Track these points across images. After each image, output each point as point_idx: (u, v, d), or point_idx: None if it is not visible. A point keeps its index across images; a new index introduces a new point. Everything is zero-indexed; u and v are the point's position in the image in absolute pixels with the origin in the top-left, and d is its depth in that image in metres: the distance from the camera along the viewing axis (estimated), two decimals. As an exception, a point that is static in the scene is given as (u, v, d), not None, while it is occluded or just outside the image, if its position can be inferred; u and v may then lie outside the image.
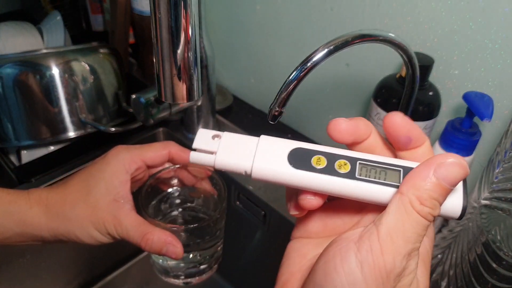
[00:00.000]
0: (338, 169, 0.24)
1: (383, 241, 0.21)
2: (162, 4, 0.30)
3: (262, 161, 0.25)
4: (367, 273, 0.21)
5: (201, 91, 0.36)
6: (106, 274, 0.72)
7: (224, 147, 0.27)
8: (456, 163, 0.22)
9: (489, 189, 0.41)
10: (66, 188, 0.41)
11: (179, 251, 0.39)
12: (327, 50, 0.36)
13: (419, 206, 0.22)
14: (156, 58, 0.33)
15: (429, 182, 0.22)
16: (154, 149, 0.43)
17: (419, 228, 0.22)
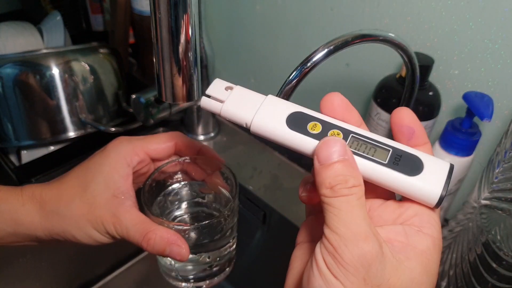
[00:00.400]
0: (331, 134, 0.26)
1: (330, 239, 0.22)
2: (162, 4, 0.30)
3: (263, 117, 0.27)
4: (335, 272, 0.22)
5: (201, 91, 0.36)
6: (106, 274, 0.72)
7: (232, 99, 0.29)
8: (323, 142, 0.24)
9: (489, 189, 0.41)
10: (62, 183, 0.37)
11: (184, 252, 0.35)
12: (327, 50, 0.36)
13: (330, 191, 0.23)
14: (156, 58, 0.33)
15: (321, 172, 0.23)
16: (159, 140, 0.39)
17: (348, 207, 0.22)
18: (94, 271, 0.71)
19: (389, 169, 0.24)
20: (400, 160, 0.25)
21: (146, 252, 0.74)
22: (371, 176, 0.25)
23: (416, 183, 0.24)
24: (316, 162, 0.24)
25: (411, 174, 0.24)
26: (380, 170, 0.25)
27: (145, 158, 0.39)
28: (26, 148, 0.65)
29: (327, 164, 0.23)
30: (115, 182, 0.36)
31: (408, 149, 0.25)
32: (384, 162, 0.25)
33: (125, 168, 0.37)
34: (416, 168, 0.25)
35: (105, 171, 0.36)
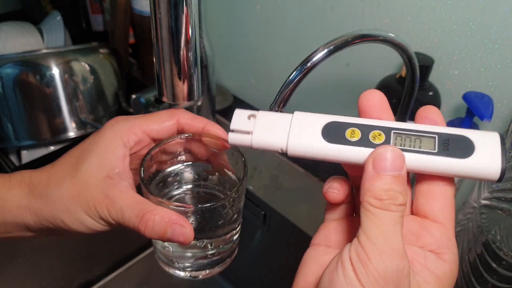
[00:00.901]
0: (373, 140, 0.25)
1: (366, 247, 0.22)
2: (162, 4, 0.30)
3: (297, 137, 0.26)
4: (364, 282, 0.22)
5: (201, 91, 0.36)
6: (106, 274, 0.72)
7: (259, 126, 0.27)
8: (385, 151, 0.23)
9: (489, 189, 0.41)
10: (53, 166, 0.34)
11: (189, 233, 0.30)
12: (327, 50, 0.36)
13: (378, 203, 0.22)
14: (156, 58, 0.33)
15: (374, 179, 0.23)
16: (159, 118, 0.35)
17: (391, 222, 0.22)
18: (94, 271, 0.71)
19: (441, 157, 0.24)
20: (449, 145, 0.24)
21: (146, 252, 0.75)
22: (423, 169, 0.24)
23: (472, 164, 0.23)
24: (371, 168, 0.23)
25: (464, 156, 0.23)
26: (431, 160, 0.24)
27: (144, 137, 0.35)
28: (26, 148, 0.65)
29: (382, 175, 0.23)
30: (110, 162, 0.32)
31: (453, 130, 0.24)
32: (434, 151, 0.24)
33: (121, 148, 0.33)
34: (468, 149, 0.24)
35: (99, 151, 0.33)
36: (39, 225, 0.33)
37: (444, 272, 0.24)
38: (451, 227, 0.25)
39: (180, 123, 0.36)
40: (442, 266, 0.24)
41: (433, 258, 0.24)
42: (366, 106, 0.27)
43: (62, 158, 0.34)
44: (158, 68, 0.33)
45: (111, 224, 0.32)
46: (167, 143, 0.36)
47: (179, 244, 0.33)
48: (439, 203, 0.25)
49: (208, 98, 0.67)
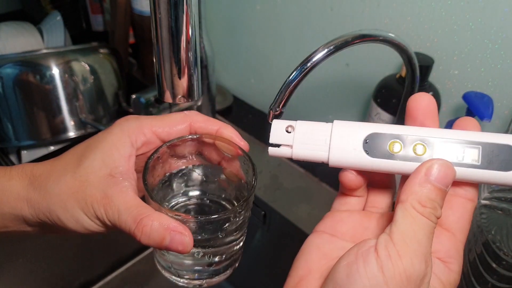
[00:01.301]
0: (415, 153, 0.25)
1: (398, 246, 0.22)
2: (162, 4, 0.30)
3: (338, 151, 0.26)
4: (388, 278, 0.22)
5: (201, 91, 0.36)
6: (106, 274, 0.72)
7: (299, 139, 0.27)
8: (443, 164, 0.23)
9: (489, 189, 0.41)
10: (57, 159, 0.33)
11: (188, 241, 0.29)
12: (327, 50, 0.36)
13: (422, 208, 0.23)
14: (156, 58, 0.33)
15: (424, 185, 0.23)
16: (172, 120, 0.34)
17: (427, 229, 0.23)
18: (94, 271, 0.71)
19: (484, 170, 0.24)
20: (492, 156, 0.24)
21: (146, 252, 0.75)
22: (463, 180, 0.25)
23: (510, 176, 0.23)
24: (423, 173, 0.24)
25: (507, 168, 0.23)
26: (473, 172, 0.24)
27: (153, 139, 0.33)
28: (26, 148, 0.65)
29: (433, 184, 0.23)
30: (114, 160, 0.31)
31: (496, 138, 0.24)
32: (478, 163, 0.24)
33: (128, 147, 0.32)
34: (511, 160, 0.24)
35: (105, 148, 0.31)
36: (36, 219, 0.32)
37: (449, 281, 0.25)
38: (462, 239, 0.26)
39: (193, 126, 0.34)
40: (448, 274, 0.25)
41: (441, 265, 0.25)
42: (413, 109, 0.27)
43: (67, 152, 0.33)
44: (158, 68, 0.33)
45: (107, 226, 0.31)
46: (176, 142, 0.34)
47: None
48: (456, 213, 0.26)
49: (208, 98, 0.67)
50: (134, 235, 0.29)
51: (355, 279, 0.22)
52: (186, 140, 0.35)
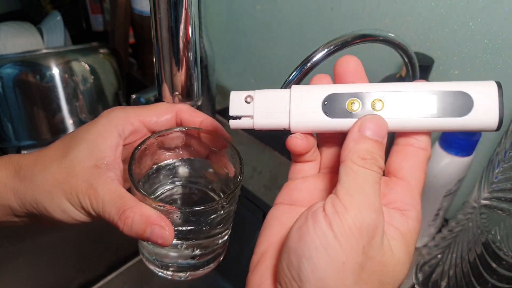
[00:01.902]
0: (373, 109, 0.25)
1: (344, 200, 0.22)
2: (162, 4, 0.30)
3: (298, 115, 0.26)
4: (337, 233, 0.22)
5: (201, 91, 0.36)
6: (106, 274, 0.72)
7: (259, 108, 0.27)
8: (373, 118, 0.24)
9: (489, 189, 0.41)
10: (44, 150, 0.33)
11: (168, 235, 0.29)
12: (327, 50, 0.36)
13: (362, 161, 0.23)
14: (156, 58, 0.33)
15: (359, 141, 0.24)
16: (158, 110, 0.34)
17: (371, 180, 0.23)
18: (94, 271, 0.71)
19: (441, 118, 0.24)
20: (448, 103, 0.24)
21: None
22: (423, 129, 0.25)
23: (471, 119, 0.24)
24: (356, 130, 0.24)
25: (463, 113, 0.24)
26: (430, 122, 0.24)
27: (140, 128, 0.34)
28: (26, 148, 0.65)
29: (367, 137, 0.24)
30: (100, 150, 0.31)
31: (451, 86, 0.24)
32: (434, 112, 0.24)
33: (115, 137, 0.32)
34: (467, 105, 0.24)
35: (91, 138, 0.31)
36: (24, 209, 0.32)
37: (408, 229, 0.25)
38: (418, 187, 0.26)
39: (179, 116, 0.35)
40: (406, 223, 0.25)
41: (398, 215, 0.25)
42: (342, 73, 0.27)
43: (54, 143, 0.33)
44: (158, 68, 0.33)
45: (92, 216, 0.31)
46: (165, 134, 0.35)
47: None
48: (409, 162, 0.26)
49: (208, 98, 0.67)
50: (117, 226, 0.29)
51: (306, 240, 0.22)
52: (174, 132, 0.35)
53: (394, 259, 0.23)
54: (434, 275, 0.50)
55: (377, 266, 0.23)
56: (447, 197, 0.52)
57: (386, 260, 0.23)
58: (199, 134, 0.36)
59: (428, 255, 0.52)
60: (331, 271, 0.22)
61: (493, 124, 0.24)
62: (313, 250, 0.22)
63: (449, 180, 0.50)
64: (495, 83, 0.24)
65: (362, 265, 0.22)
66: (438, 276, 0.49)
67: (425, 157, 0.26)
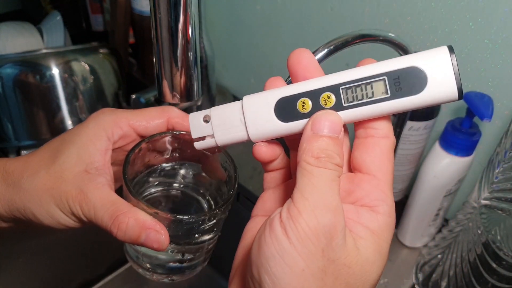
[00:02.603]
0: (324, 105, 0.24)
1: (298, 203, 0.21)
2: (162, 4, 0.30)
3: (254, 126, 0.26)
4: (292, 238, 0.21)
5: (201, 91, 0.36)
6: (106, 274, 0.72)
7: (217, 126, 0.27)
8: (323, 114, 0.23)
9: (489, 189, 0.41)
10: (31, 155, 0.32)
11: (164, 240, 0.29)
12: (327, 50, 0.36)
13: (315, 161, 0.22)
14: (156, 58, 0.33)
15: (312, 140, 0.23)
16: (148, 114, 0.33)
17: (327, 179, 0.22)
18: (94, 271, 0.71)
19: (395, 99, 0.23)
20: (400, 83, 0.23)
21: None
22: (380, 114, 0.24)
23: (428, 94, 0.22)
24: (309, 129, 0.23)
25: (418, 90, 0.22)
26: (386, 105, 0.23)
27: (130, 132, 0.33)
28: (26, 148, 0.65)
29: (320, 135, 0.23)
30: (90, 155, 0.31)
31: (399, 63, 0.23)
32: (388, 95, 0.23)
33: (104, 141, 0.31)
34: (421, 80, 0.22)
35: (80, 142, 0.31)
36: (11, 215, 0.31)
37: (378, 226, 0.23)
38: (386, 179, 0.24)
39: (170, 122, 0.34)
40: (376, 219, 0.23)
41: (366, 212, 0.24)
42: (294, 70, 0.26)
43: (42, 147, 0.33)
44: (158, 68, 0.33)
45: (83, 222, 0.30)
46: (158, 137, 0.34)
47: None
48: (371, 154, 0.24)
49: (208, 98, 0.67)
50: (111, 232, 0.29)
51: (263, 250, 0.21)
52: (166, 136, 0.35)
53: (361, 259, 0.22)
54: (434, 275, 0.50)
55: (342, 269, 0.21)
56: (447, 197, 0.52)
57: (351, 261, 0.22)
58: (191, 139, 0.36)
59: (428, 255, 0.52)
60: (290, 279, 0.21)
61: (452, 94, 0.22)
62: (271, 260, 0.21)
63: (449, 180, 0.50)
64: (446, 48, 0.22)
65: (324, 269, 0.21)
66: (438, 276, 0.49)
67: (388, 145, 0.25)
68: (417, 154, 0.55)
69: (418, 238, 0.56)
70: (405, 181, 0.59)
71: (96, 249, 0.68)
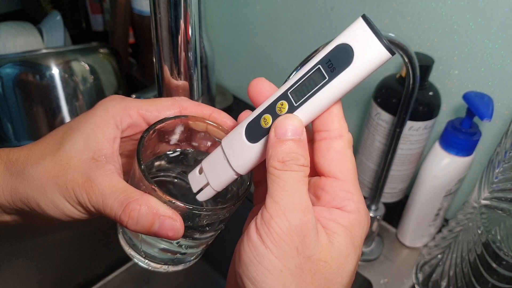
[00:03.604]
0: (280, 113, 0.25)
1: (269, 208, 0.22)
2: (162, 4, 0.30)
3: (235, 159, 0.27)
4: (267, 243, 0.22)
5: (201, 91, 0.36)
6: (106, 274, 0.72)
7: (209, 174, 0.29)
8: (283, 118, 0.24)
9: (489, 189, 0.41)
10: (35, 143, 0.30)
11: (179, 227, 0.27)
12: (327, 50, 0.36)
13: (281, 165, 0.23)
14: (156, 58, 0.33)
15: (276, 145, 0.24)
16: (160, 104, 0.31)
17: (294, 181, 0.23)
18: (94, 271, 0.71)
19: (334, 79, 0.24)
20: (333, 64, 0.24)
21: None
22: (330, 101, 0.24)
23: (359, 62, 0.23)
24: (273, 135, 0.24)
25: (349, 61, 0.23)
26: (330, 88, 0.24)
27: (139, 121, 0.31)
28: (26, 148, 0.65)
29: (283, 140, 0.24)
30: (97, 142, 0.29)
31: (326, 49, 0.24)
32: (326, 78, 0.24)
33: (112, 128, 0.29)
34: (348, 53, 0.23)
35: (87, 129, 0.29)
36: (14, 206, 0.30)
37: (350, 221, 0.24)
38: (348, 178, 0.25)
39: (183, 113, 0.32)
40: (347, 216, 0.24)
41: (337, 212, 0.25)
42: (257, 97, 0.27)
43: (46, 136, 0.31)
44: (158, 68, 0.33)
45: (90, 212, 0.28)
46: (173, 120, 0.32)
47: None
48: (328, 157, 0.25)
49: (208, 98, 0.67)
50: (121, 221, 0.27)
51: (243, 257, 0.22)
52: (176, 121, 0.33)
53: (335, 252, 0.23)
54: (434, 275, 0.50)
55: (318, 264, 0.22)
56: (447, 197, 0.52)
57: (326, 256, 0.23)
58: (202, 127, 0.33)
59: (428, 255, 0.52)
60: (271, 281, 0.22)
61: (381, 52, 0.23)
62: (250, 266, 0.22)
63: (449, 180, 0.50)
64: (361, 18, 0.23)
65: (301, 266, 0.22)
66: (438, 276, 0.49)
67: (343, 145, 0.25)
68: (417, 154, 0.55)
69: (418, 238, 0.56)
70: (405, 181, 0.59)
71: (96, 249, 0.68)
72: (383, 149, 0.55)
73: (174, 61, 0.32)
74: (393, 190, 0.59)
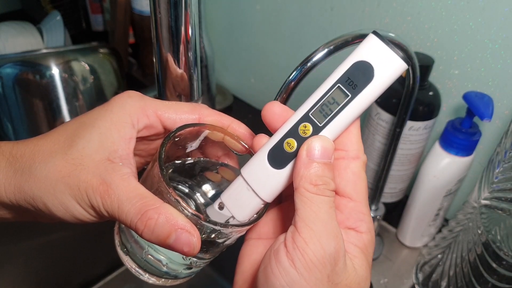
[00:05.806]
0: (305, 135, 0.25)
1: (303, 233, 0.22)
2: (162, 4, 0.30)
3: (262, 189, 0.27)
4: (300, 269, 0.22)
5: (201, 91, 0.36)
6: (106, 274, 0.72)
7: (232, 208, 0.28)
8: (318, 139, 0.24)
9: (489, 189, 0.41)
10: (43, 137, 0.28)
11: (196, 243, 0.25)
12: (327, 50, 0.36)
13: (314, 188, 0.23)
14: (156, 58, 0.33)
15: (309, 166, 0.23)
16: (179, 108, 0.29)
17: (326, 206, 0.23)
18: (94, 271, 0.71)
19: (358, 95, 0.24)
20: (353, 81, 0.24)
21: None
22: (355, 116, 0.25)
23: (380, 76, 0.24)
24: (304, 155, 0.24)
25: (371, 77, 0.24)
26: (354, 104, 0.24)
27: (156, 123, 0.29)
28: (26, 148, 0.65)
29: (316, 162, 0.23)
30: (113, 142, 0.27)
31: (342, 68, 0.24)
32: (349, 96, 0.24)
33: (129, 128, 0.28)
34: (367, 69, 0.24)
35: (102, 127, 0.27)
36: (17, 205, 0.28)
37: (364, 244, 0.25)
38: (361, 199, 0.25)
39: (203, 120, 0.30)
40: (361, 238, 0.25)
41: (353, 233, 0.25)
42: (272, 120, 0.27)
43: (55, 130, 0.28)
44: (158, 68, 0.33)
45: (103, 216, 0.27)
46: (193, 127, 0.30)
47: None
48: (345, 178, 0.25)
49: (208, 98, 0.67)
50: (136, 229, 0.25)
51: (272, 281, 0.22)
52: (196, 128, 0.31)
53: (358, 278, 0.24)
54: (434, 275, 0.50)
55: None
56: (447, 197, 0.52)
57: (351, 281, 0.23)
58: (224, 137, 0.32)
59: (428, 255, 0.52)
60: None
61: (399, 64, 0.23)
62: None
63: (449, 180, 0.50)
64: (372, 34, 0.24)
65: None
66: (438, 276, 0.49)
67: (359, 166, 0.26)
68: (417, 154, 0.55)
69: (418, 238, 0.56)
70: (405, 181, 0.59)
71: (96, 249, 0.68)
72: (383, 149, 0.55)
73: (174, 61, 0.32)
74: (393, 190, 0.59)
